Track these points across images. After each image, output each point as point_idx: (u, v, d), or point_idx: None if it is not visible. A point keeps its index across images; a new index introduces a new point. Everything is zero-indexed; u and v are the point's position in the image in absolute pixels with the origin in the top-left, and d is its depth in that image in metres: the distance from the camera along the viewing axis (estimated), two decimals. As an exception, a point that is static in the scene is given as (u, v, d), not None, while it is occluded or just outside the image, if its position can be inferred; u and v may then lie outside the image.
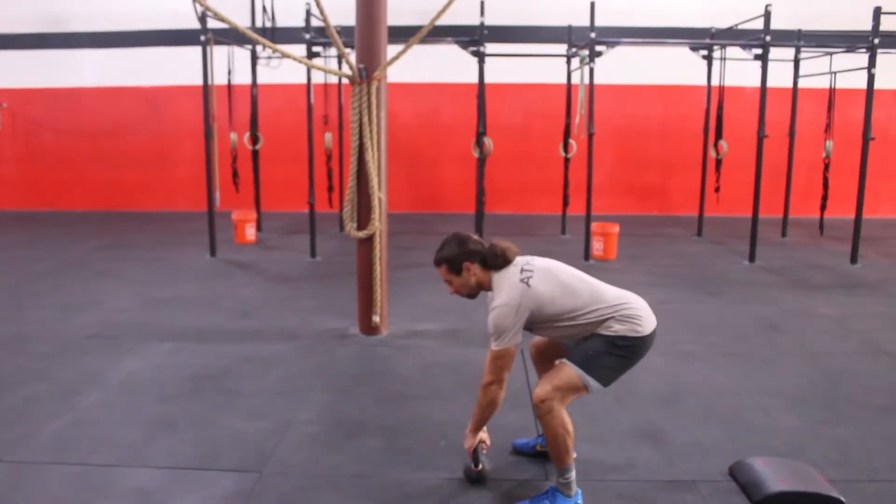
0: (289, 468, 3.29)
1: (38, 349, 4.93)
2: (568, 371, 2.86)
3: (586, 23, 7.52)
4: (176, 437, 3.59)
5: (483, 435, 3.10)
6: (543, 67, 9.96)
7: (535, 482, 3.18)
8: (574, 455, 2.92)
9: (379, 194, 5.05)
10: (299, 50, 7.33)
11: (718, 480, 3.19)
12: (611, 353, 2.87)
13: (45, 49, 11.30)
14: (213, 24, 7.57)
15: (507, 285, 2.90)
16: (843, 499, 2.96)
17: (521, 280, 2.90)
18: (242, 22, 4.72)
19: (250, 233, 9.02)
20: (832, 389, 4.30)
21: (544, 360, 3.23)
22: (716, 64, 9.26)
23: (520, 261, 3.01)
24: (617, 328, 2.86)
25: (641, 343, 2.90)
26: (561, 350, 3.10)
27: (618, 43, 7.85)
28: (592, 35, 7.47)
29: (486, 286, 3.04)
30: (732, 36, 8.87)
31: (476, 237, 3.07)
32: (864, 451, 3.48)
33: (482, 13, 7.64)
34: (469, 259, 3.00)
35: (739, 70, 9.45)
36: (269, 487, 3.12)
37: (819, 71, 9.11)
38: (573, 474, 2.90)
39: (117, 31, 11.08)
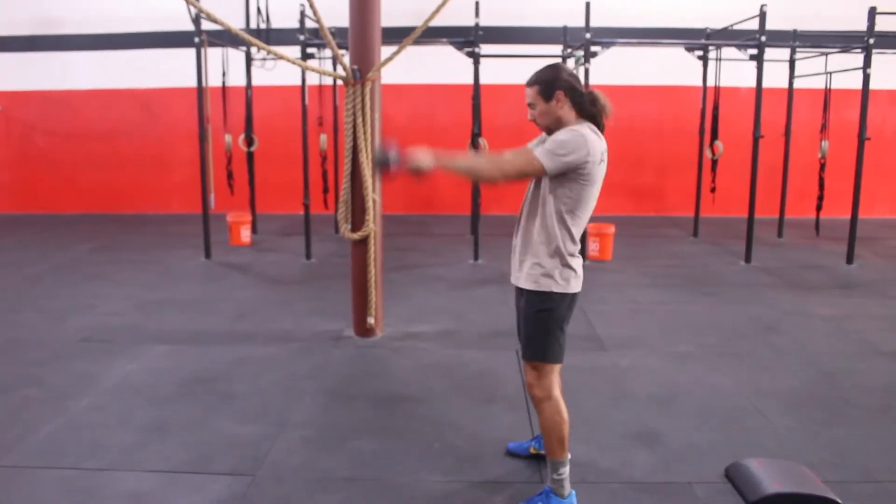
0: (282, 471, 3.27)
1: (31, 353, 4.89)
2: (532, 364, 2.88)
3: (581, 23, 7.51)
4: (169, 441, 3.57)
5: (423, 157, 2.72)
6: (538, 68, 9.94)
7: (530, 484, 3.16)
8: (569, 455, 2.91)
9: (373, 196, 5.03)
10: (294, 51, 7.31)
11: (714, 482, 3.17)
12: (546, 328, 2.83)
13: (37, 51, 11.25)
14: (207, 25, 7.53)
15: (590, 131, 2.75)
16: (838, 500, 2.95)
17: (599, 137, 2.76)
18: (236, 24, 4.71)
19: (245, 235, 8.99)
20: (828, 390, 4.29)
21: None
22: (711, 64, 9.25)
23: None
24: (550, 285, 2.78)
25: (567, 301, 2.83)
26: None
27: (613, 43, 7.84)
28: (588, 36, 7.46)
29: (566, 125, 2.80)
30: (728, 36, 8.86)
31: (576, 73, 2.83)
32: (859, 452, 3.47)
33: (477, 14, 7.62)
34: (565, 90, 2.80)
35: (735, 70, 9.45)
36: (262, 491, 3.10)
37: (814, 71, 9.11)
38: (566, 470, 2.89)
39: (111, 33, 11.03)
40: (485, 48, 7.94)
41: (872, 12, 7.36)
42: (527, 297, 2.87)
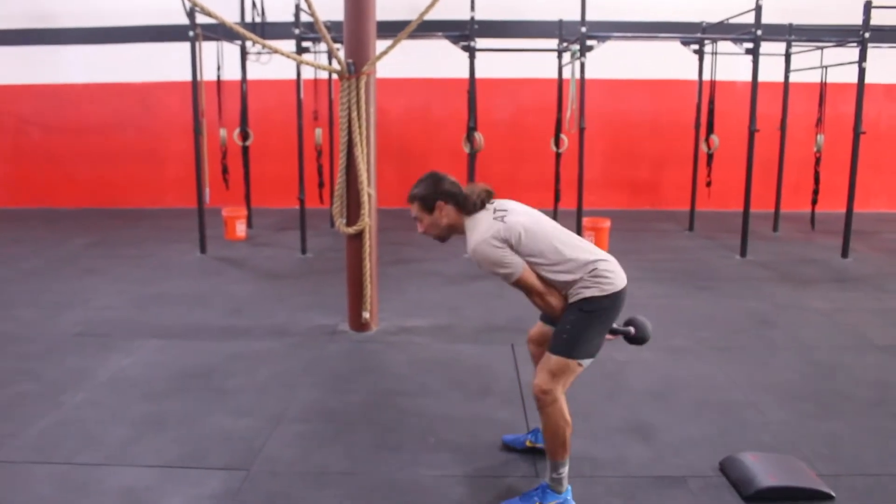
0: (277, 466, 3.27)
1: (25, 348, 4.88)
2: (556, 358, 2.82)
3: (577, 17, 7.49)
4: (163, 436, 3.56)
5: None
6: (534, 62, 9.93)
7: (526, 478, 3.16)
8: (569, 453, 2.90)
9: (368, 190, 5.02)
10: (289, 45, 7.29)
11: (709, 475, 3.18)
12: (585, 325, 2.80)
13: (32, 45, 11.19)
14: (201, 19, 7.50)
15: (481, 226, 2.82)
16: (832, 493, 2.96)
17: (495, 218, 2.83)
18: (231, 17, 4.68)
19: (240, 229, 8.98)
20: (823, 384, 4.30)
21: (541, 351, 3.18)
22: (707, 58, 9.25)
23: (495, 203, 2.94)
24: (585, 293, 2.79)
25: (611, 301, 2.82)
26: None
27: (609, 37, 7.82)
28: (583, 29, 7.44)
29: (458, 229, 2.95)
30: (723, 30, 8.85)
31: (452, 179, 2.97)
32: (853, 446, 3.48)
33: (472, 8, 7.59)
34: (443, 199, 2.91)
35: (730, 64, 9.44)
36: (256, 485, 3.10)
37: (810, 65, 9.10)
38: (566, 470, 2.88)
39: (105, 26, 10.97)
40: (480, 42, 7.91)
41: (868, 6, 7.36)
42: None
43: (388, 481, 3.15)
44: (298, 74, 7.74)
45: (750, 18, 7.66)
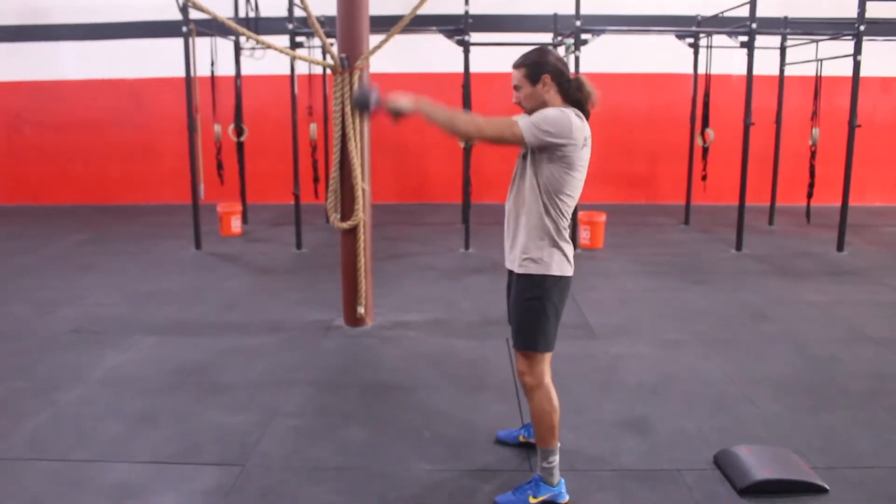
0: (271, 461, 3.26)
1: (19, 345, 4.87)
2: (522, 353, 2.85)
3: (571, 11, 7.48)
4: (158, 432, 3.55)
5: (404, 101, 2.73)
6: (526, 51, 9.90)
7: (519, 473, 3.16)
8: (559, 444, 2.90)
9: (362, 185, 5.01)
10: (283, 40, 7.27)
11: (703, 469, 3.18)
12: (539, 316, 2.78)
13: (24, 41, 11.15)
14: (195, 15, 7.47)
15: (575, 115, 2.70)
16: (826, 486, 2.97)
17: (583, 120, 2.73)
18: (225, 13, 4.67)
19: (236, 225, 8.96)
20: (817, 377, 4.31)
21: None
22: (702, 52, 9.24)
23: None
24: (541, 266, 2.76)
25: (560, 285, 2.80)
26: None
27: (603, 31, 7.82)
28: (578, 23, 7.44)
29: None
30: (718, 23, 8.85)
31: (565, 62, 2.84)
32: (847, 438, 3.48)
33: (466, 2, 7.58)
34: (552, 74, 2.76)
35: (726, 58, 9.45)
36: (251, 481, 3.09)
37: (805, 58, 9.10)
38: (556, 459, 2.88)
39: (98, 22, 10.93)
40: (475, 36, 7.91)
41: (863, -1, 7.36)
42: (517, 283, 2.85)
43: (383, 476, 3.14)
44: (292, 70, 7.72)
45: (745, 12, 7.65)
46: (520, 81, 2.81)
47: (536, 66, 2.77)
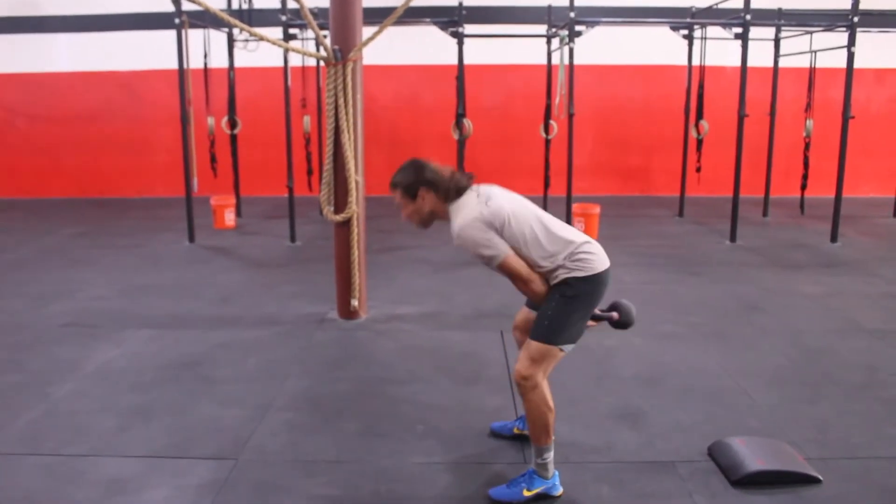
0: (265, 455, 3.26)
1: (12, 339, 4.85)
2: (537, 344, 2.81)
3: (566, 2, 7.47)
4: (151, 426, 3.54)
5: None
6: (523, 48, 9.89)
7: (513, 465, 3.16)
8: (553, 437, 2.90)
9: (356, 177, 4.99)
10: (276, 32, 7.23)
11: (697, 460, 3.18)
12: (566, 310, 2.79)
13: (16, 33, 11.06)
14: (187, 6, 7.43)
15: (466, 209, 2.80)
16: (820, 477, 2.97)
17: (479, 203, 2.80)
18: (218, 4, 4.64)
19: (229, 218, 8.94)
20: (812, 368, 4.31)
21: (526, 338, 3.17)
22: (696, 43, 9.23)
23: (478, 188, 2.91)
24: (565, 275, 2.78)
25: (591, 286, 2.82)
26: None
27: (598, 23, 7.80)
28: (572, 15, 7.42)
29: (441, 216, 2.93)
30: (713, 15, 8.83)
31: (435, 165, 2.94)
32: (842, 429, 3.49)
33: (461, -6, 7.57)
34: (425, 186, 2.88)
35: (720, 49, 9.42)
36: (244, 474, 3.09)
37: (799, 50, 9.10)
38: (551, 455, 2.88)
39: (91, 14, 10.85)
40: (469, 28, 7.88)
41: (857, -10, 7.35)
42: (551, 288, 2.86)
43: (377, 469, 3.14)
44: (286, 62, 7.68)
45: (739, 3, 7.64)
46: (401, 200, 2.96)
47: (411, 185, 2.91)
